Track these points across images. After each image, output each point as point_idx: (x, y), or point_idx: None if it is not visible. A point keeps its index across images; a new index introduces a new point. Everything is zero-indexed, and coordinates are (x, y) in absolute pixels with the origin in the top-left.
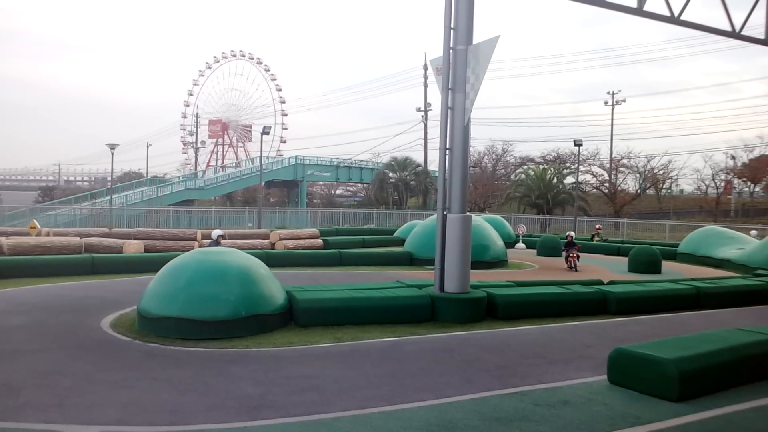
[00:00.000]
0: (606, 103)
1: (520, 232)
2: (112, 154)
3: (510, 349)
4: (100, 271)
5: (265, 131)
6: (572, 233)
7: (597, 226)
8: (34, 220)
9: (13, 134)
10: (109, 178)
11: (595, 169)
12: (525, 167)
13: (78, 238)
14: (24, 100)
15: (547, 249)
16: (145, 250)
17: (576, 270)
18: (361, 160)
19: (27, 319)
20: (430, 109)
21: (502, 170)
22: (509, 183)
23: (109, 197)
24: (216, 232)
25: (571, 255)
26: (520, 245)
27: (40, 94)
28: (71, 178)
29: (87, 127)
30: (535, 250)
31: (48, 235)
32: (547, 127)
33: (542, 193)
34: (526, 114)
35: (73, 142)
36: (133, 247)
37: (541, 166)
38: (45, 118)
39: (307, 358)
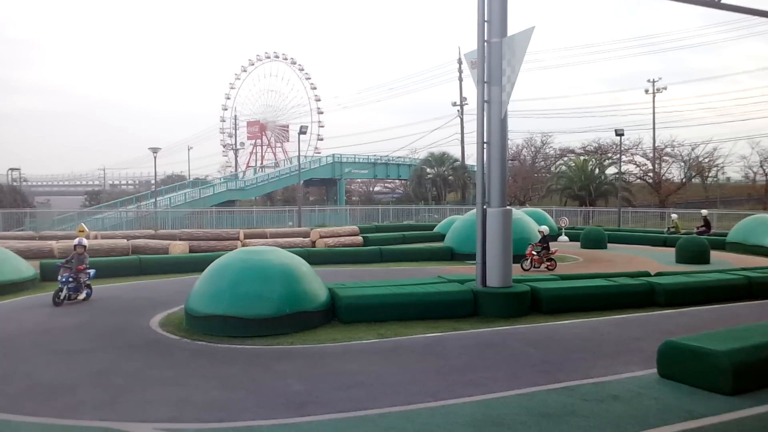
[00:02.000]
0: (647, 91)
1: (563, 225)
2: (155, 157)
3: (556, 343)
4: (148, 271)
5: (302, 131)
6: (546, 228)
7: None
8: (82, 224)
9: (60, 141)
10: (152, 181)
11: (638, 158)
12: (565, 159)
13: (125, 240)
14: (68, 108)
15: (591, 241)
16: (190, 251)
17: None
18: (398, 157)
19: (78, 319)
20: (466, 104)
21: (542, 162)
22: (549, 175)
23: (153, 200)
24: (77, 239)
25: (530, 253)
26: (563, 238)
27: (85, 102)
28: (116, 182)
29: (130, 132)
30: (578, 243)
31: (96, 237)
32: (586, 118)
33: (584, 185)
34: (564, 105)
35: (117, 147)
36: (178, 248)
37: (582, 157)
38: (89, 124)
39: (351, 354)
